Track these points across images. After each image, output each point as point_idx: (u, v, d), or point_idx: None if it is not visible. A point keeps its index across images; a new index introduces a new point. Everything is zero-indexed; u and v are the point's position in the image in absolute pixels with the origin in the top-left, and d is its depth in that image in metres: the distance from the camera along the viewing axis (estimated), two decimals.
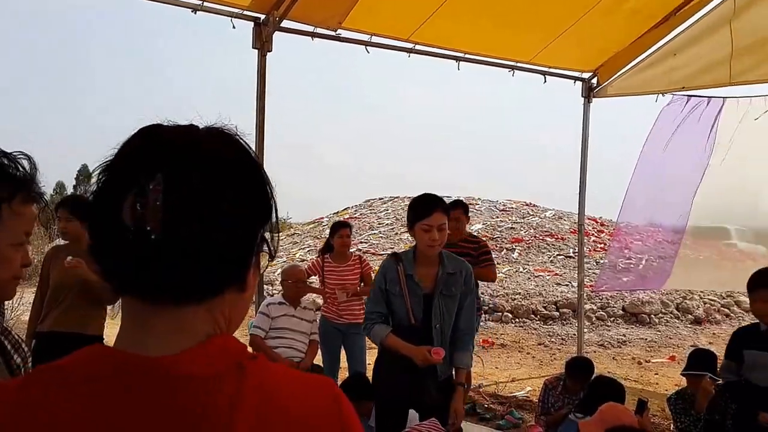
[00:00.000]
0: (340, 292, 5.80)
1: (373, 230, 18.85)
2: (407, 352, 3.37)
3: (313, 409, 0.84)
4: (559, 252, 16.47)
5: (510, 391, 7.91)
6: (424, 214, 3.36)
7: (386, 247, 17.13)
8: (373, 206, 21.79)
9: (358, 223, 19.50)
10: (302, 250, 17.20)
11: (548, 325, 12.57)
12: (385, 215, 20.28)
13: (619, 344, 11.48)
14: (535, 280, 14.45)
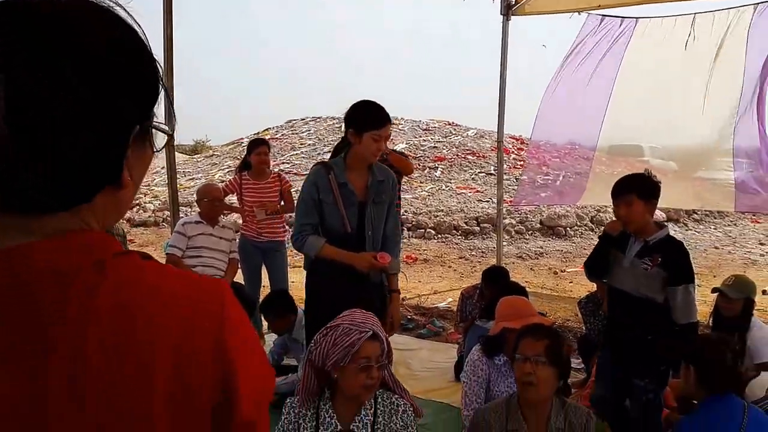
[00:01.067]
0: (259, 210, 5.74)
1: (295, 151, 18.65)
2: (349, 260, 3.31)
3: (190, 309, 0.77)
4: (481, 169, 16.80)
5: (432, 302, 8.16)
6: (378, 124, 3.28)
7: (308, 167, 16.99)
8: (295, 127, 21.48)
9: (280, 143, 19.23)
10: (222, 171, 16.88)
11: (469, 239, 12.94)
12: (307, 136, 20.05)
13: (536, 256, 11.97)
14: (457, 198, 14.74)
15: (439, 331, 6.72)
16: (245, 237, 5.89)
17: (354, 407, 2.36)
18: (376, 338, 2.30)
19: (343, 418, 2.35)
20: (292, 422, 2.37)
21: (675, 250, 3.35)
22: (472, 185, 15.66)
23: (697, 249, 12.74)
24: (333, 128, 20.31)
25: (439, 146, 18.25)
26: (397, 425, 2.34)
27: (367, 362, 2.26)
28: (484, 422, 2.60)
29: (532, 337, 2.57)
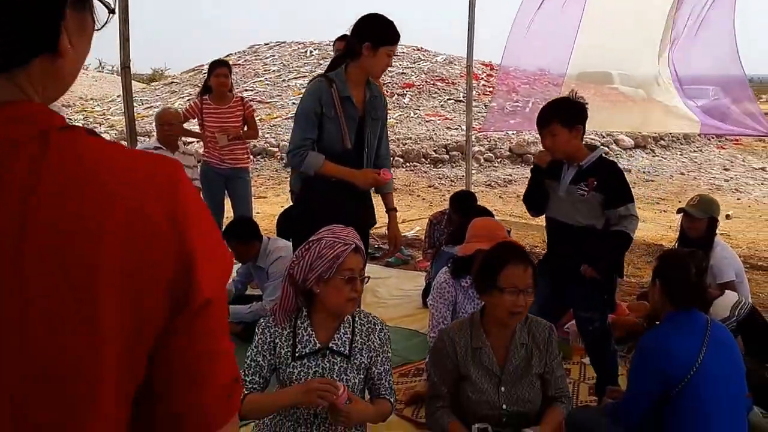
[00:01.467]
0: (221, 136, 5.58)
1: (259, 77, 18.19)
2: (351, 177, 3.27)
3: (142, 182, 0.74)
4: (450, 96, 16.62)
5: (401, 231, 8.14)
6: (395, 39, 3.28)
7: (273, 95, 16.66)
8: (259, 52, 20.89)
9: (243, 70, 18.72)
10: (181, 99, 16.41)
11: (438, 168, 12.89)
12: (271, 62, 19.54)
13: (505, 183, 11.99)
14: (426, 125, 14.60)
15: (407, 259, 6.73)
16: (207, 164, 5.75)
17: (332, 325, 2.35)
18: (358, 251, 2.28)
19: (322, 336, 2.35)
20: (267, 342, 2.34)
21: (609, 171, 3.27)
22: (441, 112, 15.51)
23: (663, 175, 12.90)
24: (299, 54, 19.80)
25: (407, 72, 17.93)
26: (375, 343, 2.37)
27: (351, 274, 2.25)
28: (448, 340, 2.58)
29: (520, 267, 2.49)
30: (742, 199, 11.19)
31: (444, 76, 17.89)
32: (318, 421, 2.31)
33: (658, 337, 2.67)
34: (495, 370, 2.53)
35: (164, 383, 0.78)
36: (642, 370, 2.63)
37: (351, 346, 2.35)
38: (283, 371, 2.33)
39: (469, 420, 2.55)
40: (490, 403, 2.52)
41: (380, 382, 2.40)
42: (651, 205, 10.52)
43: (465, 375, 2.54)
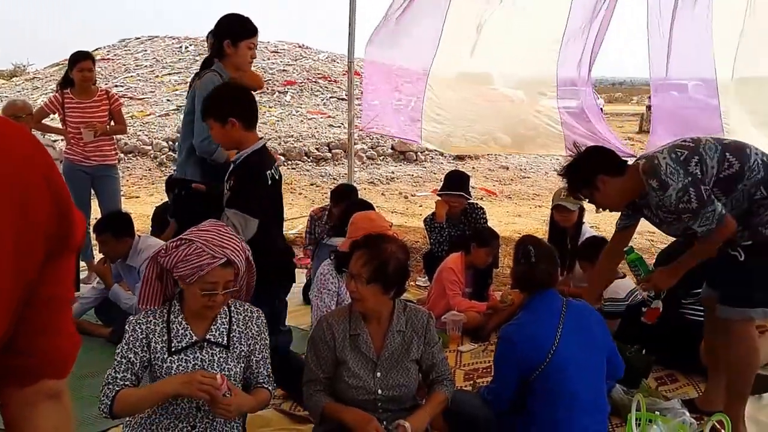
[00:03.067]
0: (87, 131, 5.36)
1: (130, 73, 17.51)
2: None
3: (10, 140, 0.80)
4: (332, 94, 16.68)
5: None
6: (251, 32, 3.62)
7: (146, 91, 16.10)
8: (130, 47, 20.11)
9: (113, 65, 17.98)
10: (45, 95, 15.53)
11: (321, 166, 12.93)
12: (143, 56, 18.86)
13: (388, 181, 12.21)
14: (308, 123, 14.60)
15: None
16: (70, 161, 5.49)
17: (205, 319, 2.37)
18: (229, 265, 2.28)
19: (198, 329, 2.35)
20: (139, 338, 2.31)
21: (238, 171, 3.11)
22: (324, 110, 15.55)
23: (539, 172, 13.54)
24: (173, 49, 19.23)
25: (288, 69, 17.84)
26: (253, 330, 2.42)
27: (212, 288, 2.25)
28: (327, 327, 2.63)
29: (359, 255, 2.59)
30: None
31: (326, 73, 17.93)
32: (201, 414, 2.32)
33: (516, 326, 2.83)
34: (371, 356, 2.61)
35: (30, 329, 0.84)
36: (505, 359, 2.81)
37: (229, 336, 2.37)
38: (159, 366, 2.31)
39: (345, 404, 2.61)
40: (366, 389, 2.59)
41: (258, 371, 2.44)
42: (527, 201, 11.05)
43: (342, 360, 2.60)
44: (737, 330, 3.04)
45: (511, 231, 8.29)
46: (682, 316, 3.87)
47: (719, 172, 2.96)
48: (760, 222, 2.92)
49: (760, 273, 2.96)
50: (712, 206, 2.89)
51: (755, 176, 2.93)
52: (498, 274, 5.59)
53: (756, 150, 3.03)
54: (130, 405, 2.24)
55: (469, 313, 4.51)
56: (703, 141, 3.06)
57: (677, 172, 2.93)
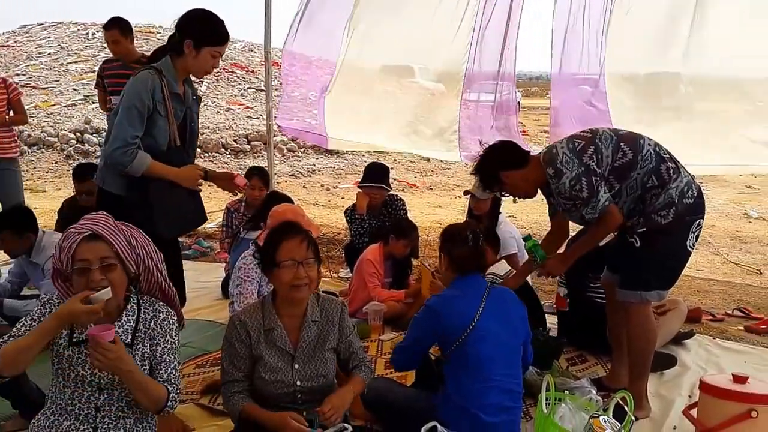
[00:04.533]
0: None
1: (33, 61, 16.84)
2: (175, 177, 3.28)
3: None
4: (250, 85, 16.54)
5: None
6: (220, 40, 3.27)
7: (50, 80, 15.53)
8: (31, 33, 19.32)
9: (13, 52, 17.25)
10: None
11: (239, 158, 12.80)
12: (47, 43, 18.15)
13: (309, 173, 12.22)
14: (226, 114, 14.42)
15: (206, 251, 6.68)
16: None
17: (110, 314, 2.30)
18: (97, 238, 2.21)
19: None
20: (41, 319, 2.27)
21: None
22: (241, 101, 15.39)
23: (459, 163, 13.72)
24: (79, 36, 18.60)
25: None
26: (156, 331, 2.35)
27: (83, 264, 2.19)
28: (240, 325, 2.63)
29: (297, 239, 2.59)
30: None
31: (243, 63, 17.74)
32: (101, 414, 2.27)
33: (442, 298, 2.99)
34: (288, 349, 2.62)
35: None
36: (422, 324, 2.95)
37: (134, 336, 2.32)
38: (60, 355, 2.27)
39: (265, 400, 2.62)
40: (285, 382, 2.61)
41: (158, 372, 2.33)
42: (448, 192, 11.29)
43: (258, 356, 2.61)
44: (634, 312, 3.27)
45: (431, 221, 8.48)
46: (590, 300, 4.10)
47: (614, 161, 3.20)
48: (653, 210, 3.14)
49: (654, 258, 3.19)
50: (598, 196, 3.15)
51: (647, 165, 3.16)
52: (417, 264, 5.73)
53: (648, 140, 3.25)
54: (13, 352, 2.14)
55: (389, 303, 4.61)
56: (600, 132, 3.30)
57: (572, 162, 3.18)
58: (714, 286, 6.00)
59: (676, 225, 3.12)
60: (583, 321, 4.08)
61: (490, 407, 2.85)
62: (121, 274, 2.26)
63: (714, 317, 4.98)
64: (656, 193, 3.14)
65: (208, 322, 4.64)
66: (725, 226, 8.92)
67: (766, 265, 6.97)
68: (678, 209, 3.11)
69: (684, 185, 3.14)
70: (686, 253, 3.19)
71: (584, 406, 2.73)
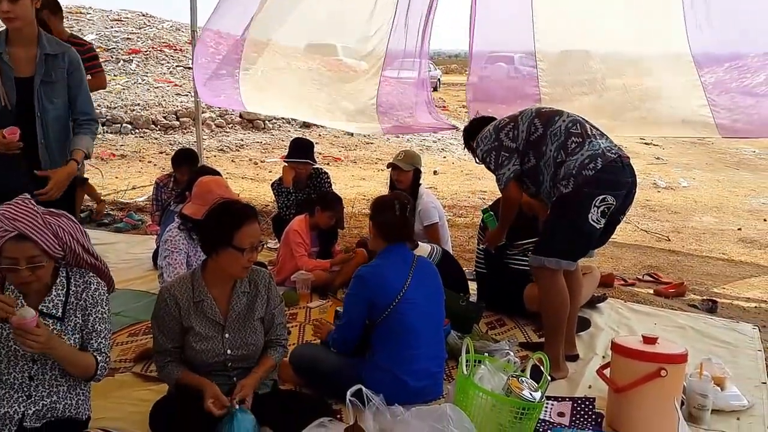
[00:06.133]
0: None
1: None
2: None
3: None
4: (179, 63, 15.88)
5: (130, 197, 7.68)
6: None
7: None
8: None
9: None
10: None
11: (169, 134, 12.30)
12: None
13: (237, 148, 11.85)
14: (155, 91, 13.81)
15: (137, 224, 6.37)
16: None
17: (40, 291, 2.21)
18: (24, 239, 2.07)
19: (30, 300, 2.19)
20: None
21: None
22: (170, 78, 14.76)
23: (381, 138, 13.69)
24: None
25: (132, 38, 16.71)
26: (87, 302, 2.26)
27: (12, 263, 2.07)
28: (170, 297, 2.52)
29: (255, 224, 2.49)
30: (447, 158, 12.35)
31: (171, 42, 17.01)
32: (34, 383, 2.20)
33: (372, 268, 2.92)
34: (218, 319, 2.53)
35: None
36: (356, 297, 2.88)
37: (65, 308, 2.23)
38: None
39: (196, 369, 2.53)
40: (215, 351, 2.52)
41: (89, 341, 2.27)
42: (371, 165, 11.18)
43: (188, 327, 2.50)
44: (539, 276, 3.22)
45: (356, 193, 8.36)
46: (507, 266, 4.06)
47: (528, 135, 3.21)
48: (559, 180, 3.07)
49: (556, 227, 3.12)
50: (502, 170, 3.25)
51: (557, 140, 3.12)
52: (343, 234, 5.61)
53: (567, 117, 3.19)
54: None
55: (316, 272, 4.48)
56: (527, 110, 3.33)
57: (490, 137, 3.31)
58: (626, 252, 6.11)
59: (574, 195, 3.00)
60: (502, 286, 4.04)
61: (417, 373, 2.81)
62: (49, 267, 2.17)
63: (625, 282, 5.04)
64: (563, 164, 3.08)
65: (140, 292, 4.42)
66: (636, 196, 9.17)
67: (673, 232, 7.18)
68: (578, 180, 3.00)
69: (586, 158, 3.02)
70: (588, 227, 3.00)
71: (503, 367, 2.68)
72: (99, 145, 10.83)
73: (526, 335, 3.82)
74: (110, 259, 5.09)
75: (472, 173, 10.48)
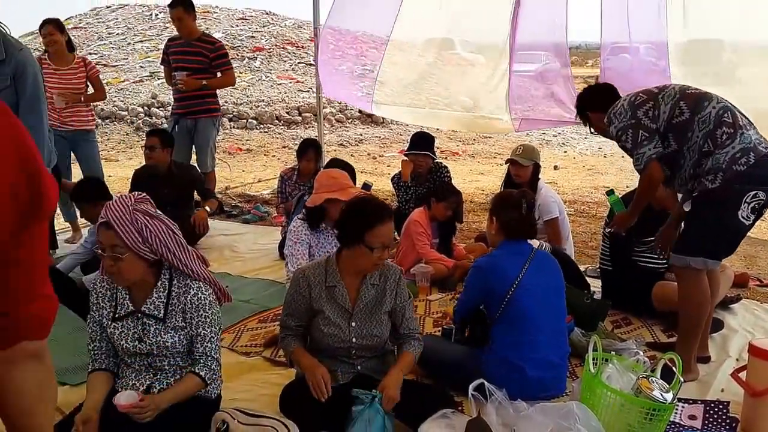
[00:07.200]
0: (58, 97, 5.21)
1: (103, 41, 17.00)
2: None
3: None
4: (300, 60, 16.42)
5: (256, 190, 8.07)
6: None
7: (119, 58, 15.67)
8: (101, 15, 19.48)
9: (85, 33, 17.43)
10: None
11: (292, 129, 12.79)
12: (115, 24, 18.30)
13: (356, 143, 12.14)
14: (278, 88, 14.38)
15: (263, 216, 6.69)
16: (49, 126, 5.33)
17: (144, 291, 2.34)
18: (109, 228, 2.19)
19: (135, 300, 2.35)
20: (95, 304, 2.39)
21: None
22: (293, 75, 15.31)
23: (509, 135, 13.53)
24: (143, 16, 18.69)
25: (257, 36, 17.47)
26: (188, 306, 2.34)
27: (99, 246, 2.23)
28: (303, 279, 2.64)
29: (387, 224, 2.52)
30: (568, 152, 12.03)
31: (293, 39, 17.62)
32: (153, 370, 2.38)
33: (490, 258, 2.98)
34: (347, 307, 2.62)
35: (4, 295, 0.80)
36: (473, 283, 2.98)
37: (167, 309, 2.33)
38: (107, 326, 2.37)
39: (321, 351, 2.65)
40: (341, 337, 2.61)
41: (195, 345, 2.38)
42: (489, 159, 11.10)
43: (318, 310, 2.61)
44: (680, 276, 3.08)
45: (474, 188, 8.34)
46: (635, 263, 3.93)
47: (671, 118, 3.01)
48: (702, 173, 2.92)
49: (702, 225, 2.97)
50: (642, 149, 3.02)
51: (705, 128, 2.93)
52: (462, 228, 5.63)
53: (717, 103, 2.98)
54: None
55: (436, 265, 4.53)
56: (667, 88, 3.12)
57: (625, 113, 3.11)
58: (762, 251, 5.72)
59: (723, 191, 2.85)
60: (628, 284, 3.92)
61: (536, 361, 2.80)
62: (132, 262, 2.23)
63: (761, 282, 4.72)
64: (709, 155, 2.91)
65: (267, 282, 4.65)
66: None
67: None
68: (726, 175, 2.83)
69: (737, 152, 2.85)
70: (738, 223, 2.85)
71: (632, 367, 2.62)
72: (226, 140, 11.45)
73: (654, 335, 3.69)
74: (239, 249, 5.45)
75: (594, 168, 10.16)
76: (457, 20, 6.84)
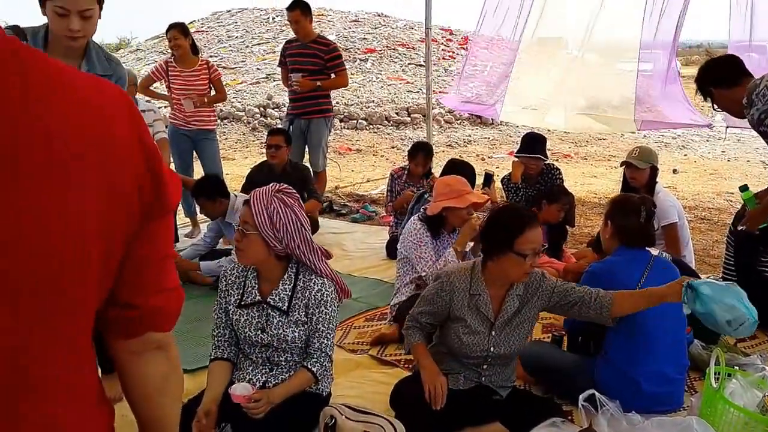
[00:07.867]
0: (187, 101, 5.51)
1: (223, 44, 17.85)
2: None
3: (106, 98, 0.79)
4: (411, 61, 16.55)
5: (365, 190, 8.21)
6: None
7: (237, 60, 16.40)
8: (221, 19, 20.47)
9: (207, 36, 18.36)
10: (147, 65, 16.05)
11: (400, 129, 12.91)
12: (234, 28, 19.17)
13: (465, 144, 12.08)
14: (388, 89, 14.56)
15: (371, 215, 6.80)
16: (174, 126, 5.70)
17: (272, 282, 2.43)
18: (247, 204, 2.36)
19: (264, 290, 2.44)
20: (223, 290, 2.50)
21: None
22: (402, 76, 15.46)
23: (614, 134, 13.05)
24: (261, 19, 19.46)
25: (368, 38, 17.77)
26: (311, 301, 2.40)
27: (239, 225, 2.38)
28: (448, 283, 2.59)
29: (537, 228, 2.47)
30: (688, 155, 11.44)
31: (404, 41, 17.78)
32: (271, 363, 2.47)
33: (604, 264, 2.86)
34: (490, 317, 2.57)
35: (131, 288, 0.86)
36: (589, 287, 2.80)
37: (290, 303, 2.40)
38: (232, 313, 2.47)
39: (454, 355, 2.63)
40: (480, 346, 2.58)
41: (312, 340, 2.43)
42: (603, 162, 10.73)
43: (459, 317, 2.57)
44: None
45: (587, 192, 8.09)
46: (760, 274, 3.70)
47: None
48: None
49: None
50: None
51: None
52: (572, 232, 5.48)
53: None
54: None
55: (546, 268, 4.44)
56: None
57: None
58: None
59: None
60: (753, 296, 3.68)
61: (652, 375, 2.68)
62: (257, 242, 2.32)
63: None
64: None
65: (375, 280, 4.72)
66: None
67: None
68: None
69: None
70: None
71: (757, 383, 2.47)
72: (336, 140, 11.72)
73: None
74: (348, 248, 5.56)
75: (717, 173, 9.59)
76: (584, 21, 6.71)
